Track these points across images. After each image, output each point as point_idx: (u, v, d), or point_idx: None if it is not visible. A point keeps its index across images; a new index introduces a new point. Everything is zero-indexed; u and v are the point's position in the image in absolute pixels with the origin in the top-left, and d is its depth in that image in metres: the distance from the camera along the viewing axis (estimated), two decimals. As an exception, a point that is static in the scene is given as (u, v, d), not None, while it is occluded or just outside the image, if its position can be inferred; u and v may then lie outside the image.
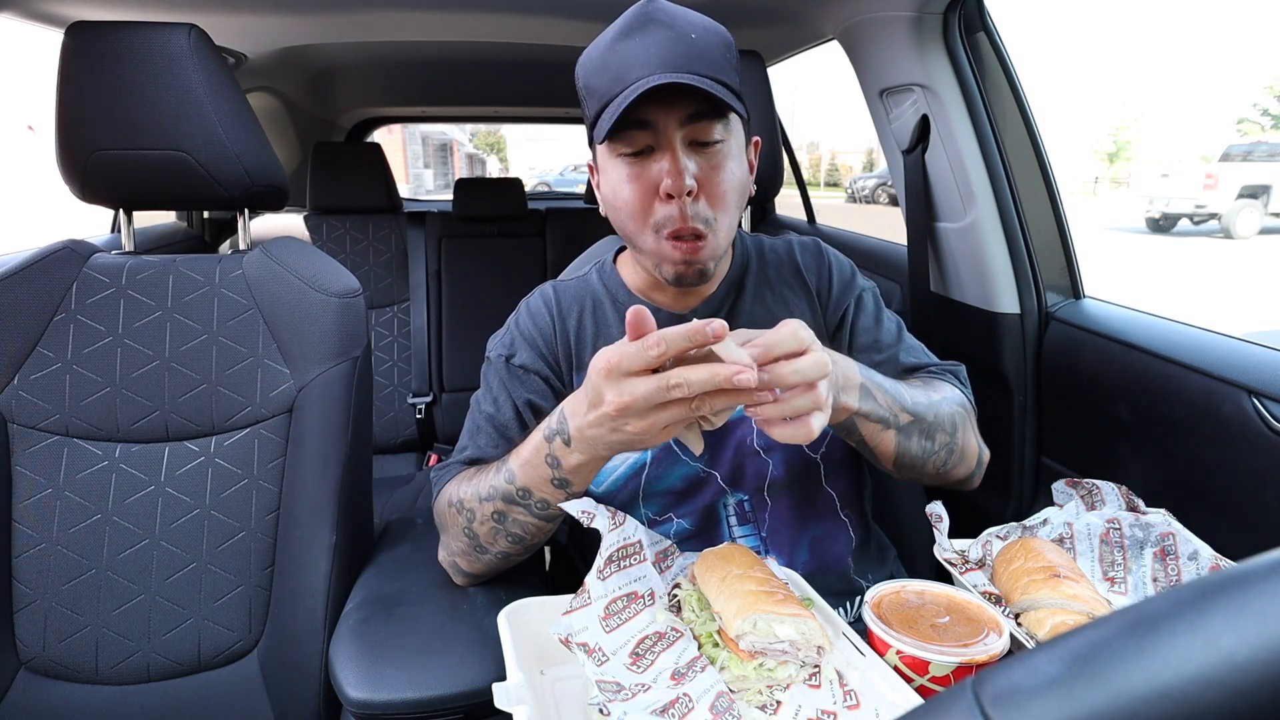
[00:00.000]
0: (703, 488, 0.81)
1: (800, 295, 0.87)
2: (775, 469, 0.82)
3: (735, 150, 0.74)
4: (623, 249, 0.91)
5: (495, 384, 0.84)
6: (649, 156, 0.72)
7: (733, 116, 0.73)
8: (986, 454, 0.84)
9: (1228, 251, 9.96)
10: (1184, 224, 11.81)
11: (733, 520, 0.82)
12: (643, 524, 0.81)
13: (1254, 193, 10.79)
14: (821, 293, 0.88)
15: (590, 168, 0.83)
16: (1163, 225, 11.90)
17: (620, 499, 0.82)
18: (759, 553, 0.78)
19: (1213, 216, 11.10)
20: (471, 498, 0.73)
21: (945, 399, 0.79)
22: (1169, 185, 11.42)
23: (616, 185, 0.74)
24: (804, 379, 0.56)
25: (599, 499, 0.80)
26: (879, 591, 0.64)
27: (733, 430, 0.82)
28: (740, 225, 0.91)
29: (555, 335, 0.85)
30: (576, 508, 0.63)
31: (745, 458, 0.82)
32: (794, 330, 0.57)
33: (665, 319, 0.83)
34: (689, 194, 0.70)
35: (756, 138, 0.82)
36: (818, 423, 0.57)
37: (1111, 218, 14.14)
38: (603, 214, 0.81)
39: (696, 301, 0.84)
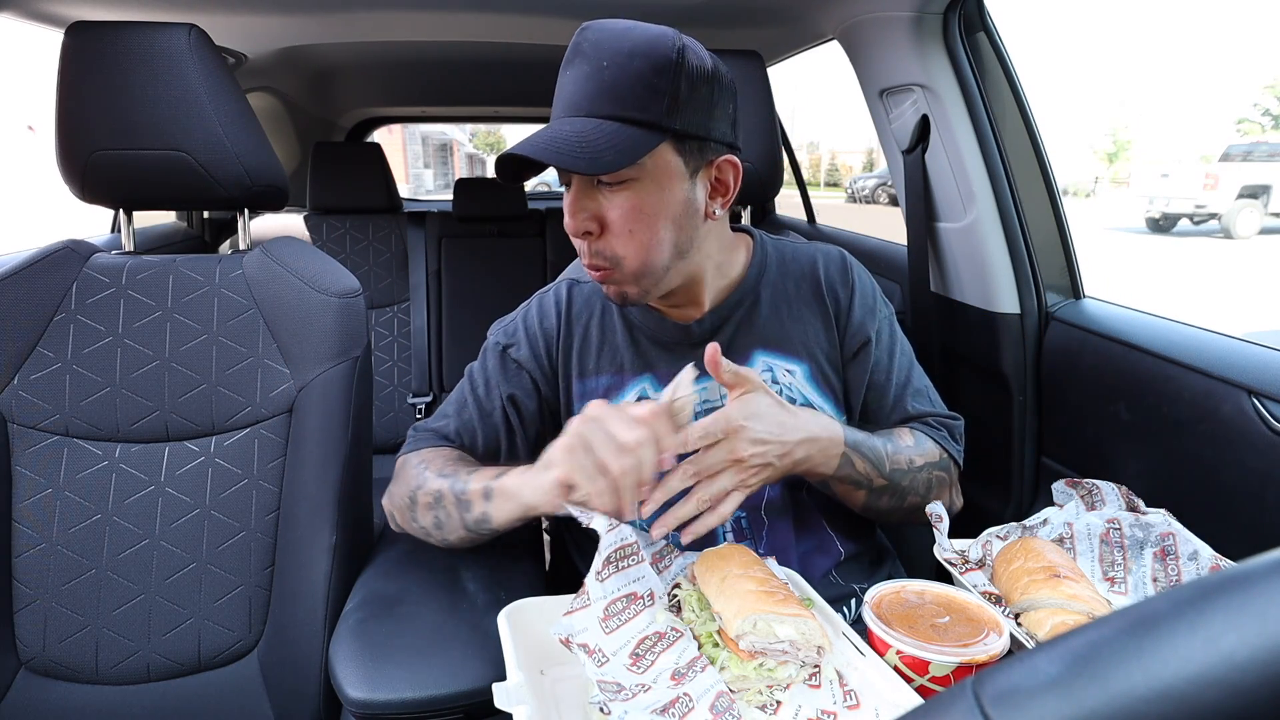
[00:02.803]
0: None
1: (817, 315, 0.86)
2: (772, 490, 0.83)
3: (660, 181, 0.71)
4: None
5: (490, 368, 0.87)
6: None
7: (661, 148, 0.69)
8: (960, 504, 0.87)
9: (1227, 251, 9.94)
10: (1184, 224, 11.80)
11: (729, 537, 0.83)
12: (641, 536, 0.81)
13: (1254, 193, 10.79)
14: (840, 316, 0.86)
15: None
16: (1163, 225, 11.89)
17: None
18: None
19: (1213, 216, 11.09)
20: (435, 479, 0.77)
21: (928, 464, 0.81)
22: (1169, 185, 11.42)
23: None
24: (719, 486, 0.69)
25: None
26: (879, 591, 0.64)
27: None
28: (755, 230, 0.91)
29: (558, 339, 0.85)
30: (575, 508, 0.63)
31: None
32: (730, 446, 0.68)
33: (670, 327, 0.83)
34: (589, 234, 0.72)
35: (730, 156, 0.75)
36: (729, 507, 0.69)
37: (1111, 218, 14.14)
38: None
39: (699, 313, 0.83)
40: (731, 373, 0.70)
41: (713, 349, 0.68)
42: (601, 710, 0.54)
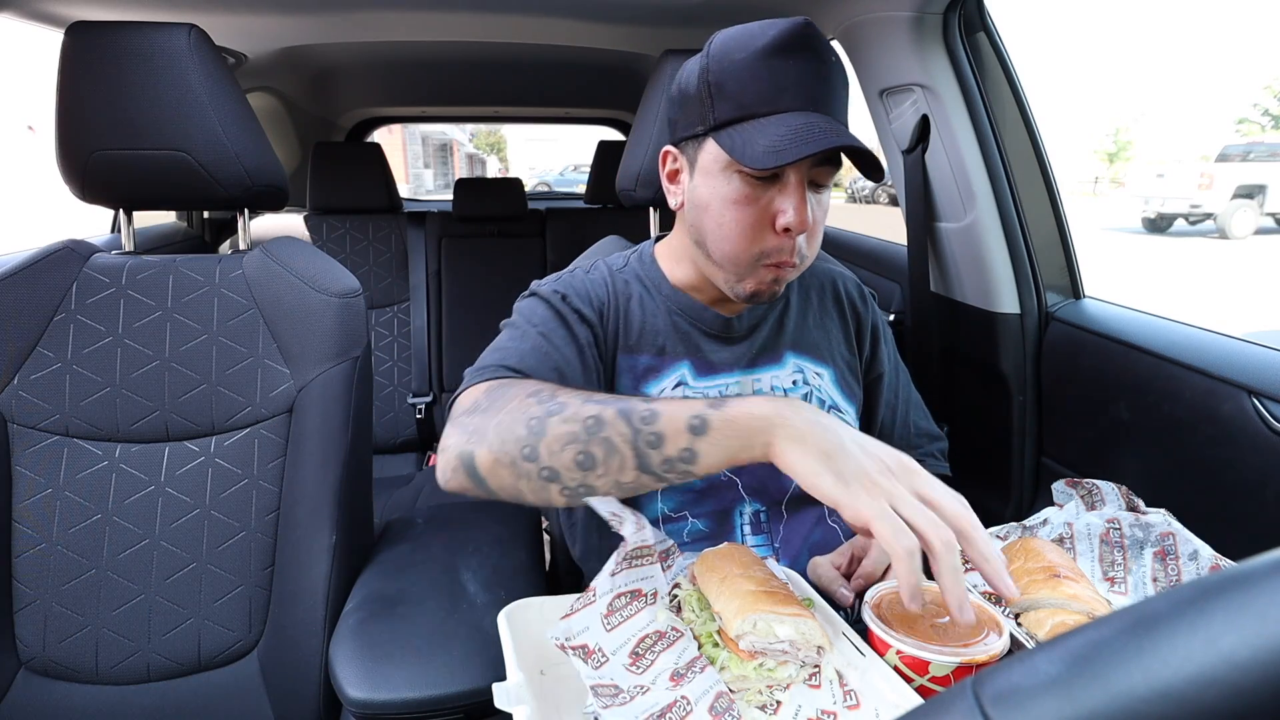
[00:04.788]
0: (722, 492, 0.81)
1: (838, 325, 0.90)
2: (799, 486, 0.83)
3: None
4: (659, 239, 0.90)
5: (549, 314, 0.77)
6: (769, 184, 0.71)
7: None
8: None
9: (1221, 252, 9.90)
10: (1180, 224, 11.78)
11: (747, 529, 0.82)
12: (658, 521, 0.81)
13: (1249, 193, 10.76)
14: (861, 332, 0.91)
15: (668, 155, 0.80)
16: (1159, 225, 11.88)
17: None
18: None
19: (1208, 216, 11.07)
20: (567, 395, 0.61)
21: None
22: (1164, 185, 11.40)
23: (725, 202, 0.72)
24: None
25: None
26: (879, 592, 0.64)
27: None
28: None
29: (609, 307, 0.82)
30: (606, 509, 0.62)
31: (770, 469, 0.82)
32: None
33: (711, 318, 0.83)
34: (803, 231, 0.71)
35: None
36: None
37: (1108, 218, 14.14)
38: (675, 207, 0.80)
39: (736, 310, 0.84)
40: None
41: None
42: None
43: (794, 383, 0.84)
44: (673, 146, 0.79)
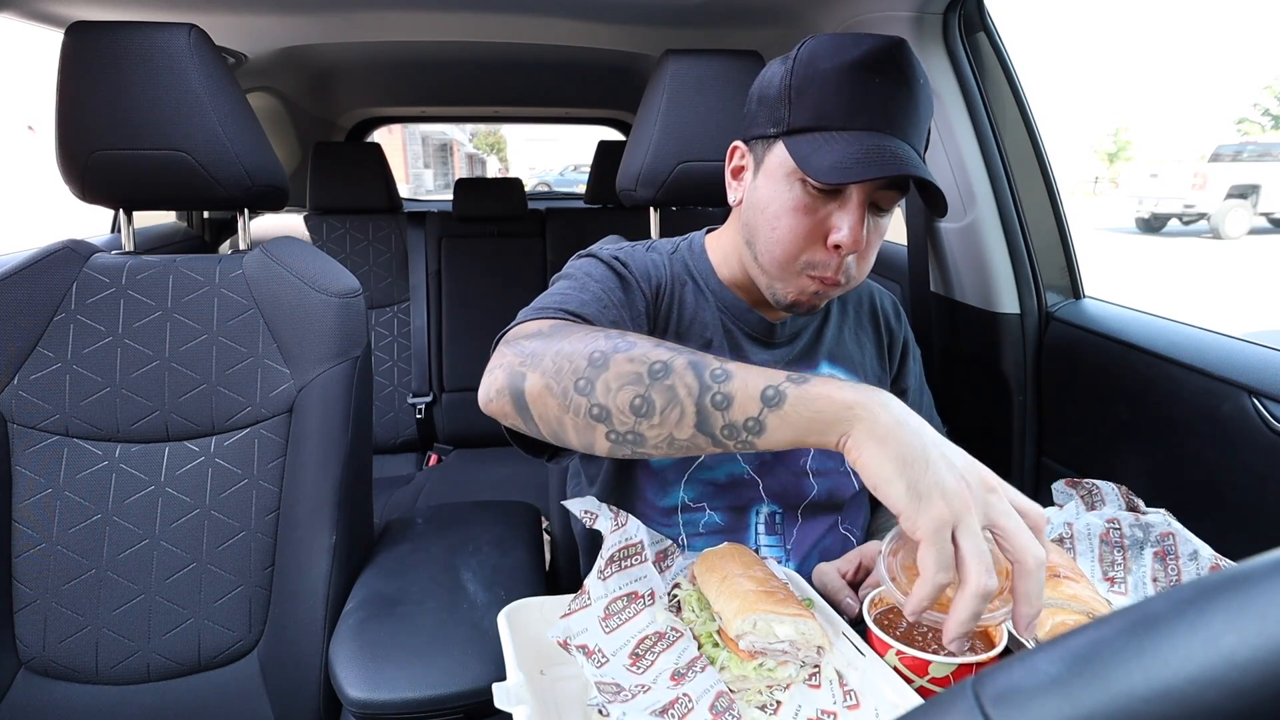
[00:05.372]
0: (742, 489, 0.81)
1: (872, 340, 0.90)
2: (819, 493, 0.83)
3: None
4: (709, 231, 0.89)
5: (606, 275, 0.75)
6: (830, 198, 0.70)
7: None
8: None
9: (1215, 253, 9.80)
10: (1174, 224, 11.71)
11: (761, 528, 0.83)
12: (677, 509, 0.81)
13: (1243, 192, 10.67)
14: (893, 349, 0.91)
15: (736, 150, 0.79)
16: (1153, 225, 11.82)
17: (667, 476, 0.81)
18: (782, 564, 0.78)
19: (1201, 216, 11.01)
20: (638, 337, 0.57)
21: None
22: (1158, 185, 11.32)
23: (783, 208, 0.71)
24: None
25: (647, 467, 0.81)
26: (879, 592, 0.64)
27: (789, 451, 0.81)
28: None
29: (665, 288, 0.81)
30: (579, 507, 0.62)
31: (794, 475, 0.82)
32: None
33: (755, 320, 0.83)
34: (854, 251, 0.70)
35: None
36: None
37: (1103, 218, 14.09)
38: (733, 203, 0.80)
39: (778, 316, 0.83)
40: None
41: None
42: (600, 712, 0.54)
43: None
44: (742, 143, 0.78)
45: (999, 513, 0.45)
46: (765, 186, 0.73)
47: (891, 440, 0.46)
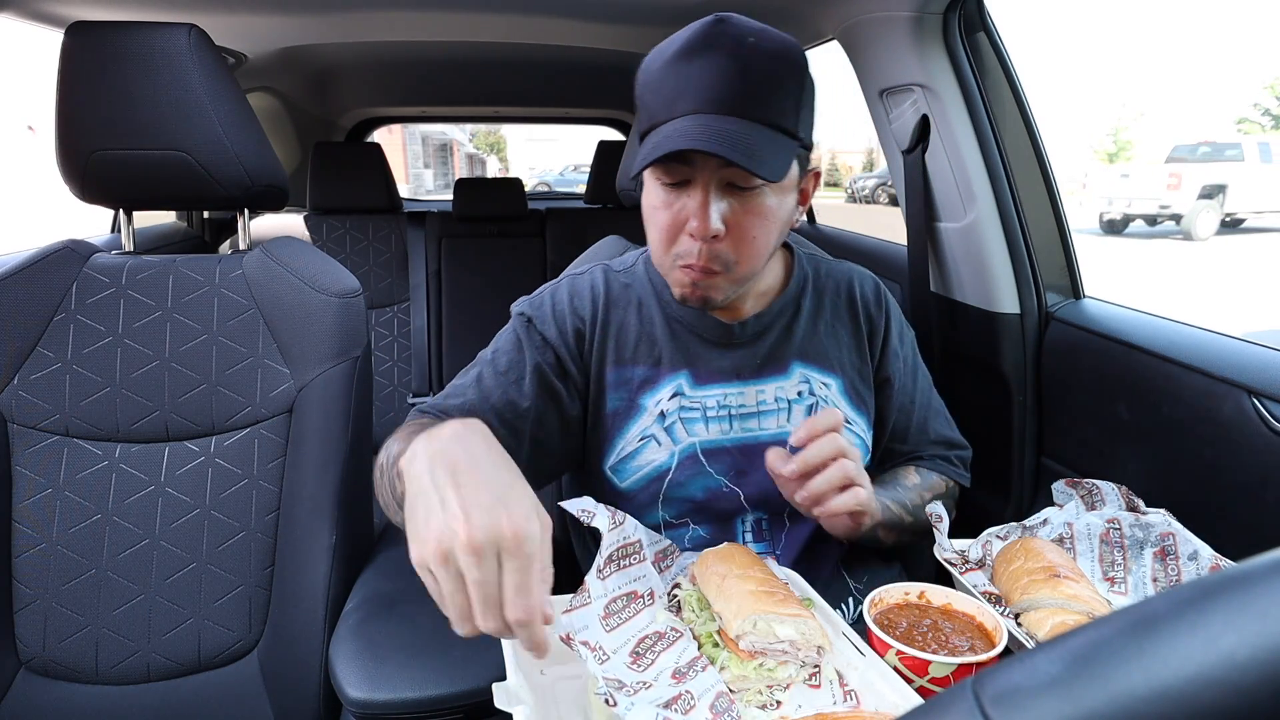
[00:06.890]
0: (723, 502, 0.81)
1: (850, 332, 0.88)
2: None
3: (782, 188, 0.72)
4: None
5: (514, 341, 0.81)
6: (684, 188, 0.71)
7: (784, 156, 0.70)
8: (954, 514, 0.90)
9: (1192, 255, 9.54)
10: (1137, 225, 11.30)
11: (749, 535, 0.82)
12: (660, 527, 0.81)
13: (1210, 193, 10.45)
14: (874, 338, 0.88)
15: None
16: (1117, 227, 11.42)
17: (640, 499, 0.81)
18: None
19: (1175, 217, 10.75)
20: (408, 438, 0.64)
21: (935, 495, 0.87)
22: (1130, 186, 11.02)
23: (651, 207, 0.75)
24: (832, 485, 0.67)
25: (620, 495, 0.80)
26: (879, 592, 0.64)
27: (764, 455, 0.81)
28: (796, 245, 0.92)
29: (594, 322, 0.82)
30: (576, 506, 0.62)
31: (773, 482, 0.82)
32: (832, 441, 0.67)
33: (710, 323, 0.82)
34: (714, 237, 0.70)
35: (816, 169, 0.79)
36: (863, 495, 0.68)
37: (1076, 220, 13.72)
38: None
39: (739, 316, 0.83)
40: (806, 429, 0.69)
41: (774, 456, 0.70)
42: (607, 702, 0.54)
43: (799, 393, 0.83)
44: None
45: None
46: (643, 193, 0.77)
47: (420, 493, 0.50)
